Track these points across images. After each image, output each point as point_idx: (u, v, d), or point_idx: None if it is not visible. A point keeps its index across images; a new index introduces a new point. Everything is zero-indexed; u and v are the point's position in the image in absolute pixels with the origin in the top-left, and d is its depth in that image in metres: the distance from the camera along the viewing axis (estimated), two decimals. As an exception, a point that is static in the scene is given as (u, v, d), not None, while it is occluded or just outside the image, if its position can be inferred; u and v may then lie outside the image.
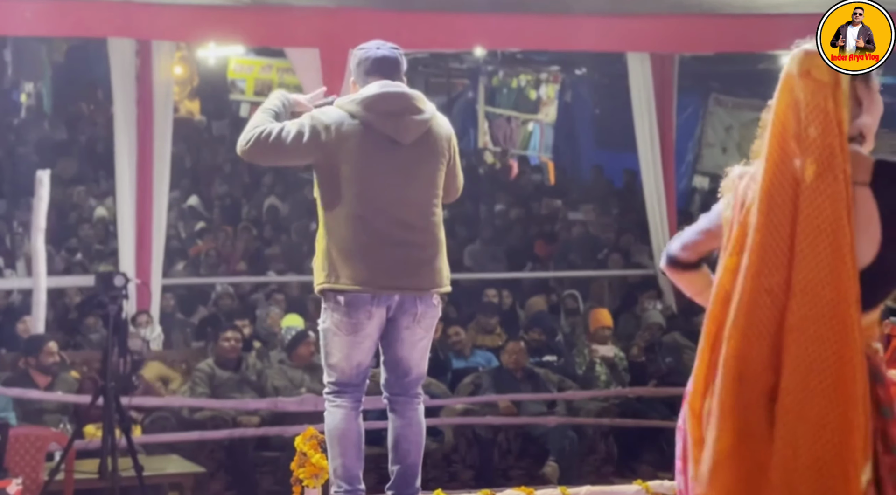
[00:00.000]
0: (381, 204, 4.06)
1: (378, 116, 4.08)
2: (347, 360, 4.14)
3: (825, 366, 2.57)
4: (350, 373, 4.16)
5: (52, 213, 8.62)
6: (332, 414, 4.20)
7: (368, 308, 4.06)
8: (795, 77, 2.66)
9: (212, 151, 15.42)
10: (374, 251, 4.05)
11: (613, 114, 13.06)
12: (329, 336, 4.14)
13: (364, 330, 4.09)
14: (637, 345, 9.11)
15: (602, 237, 12.26)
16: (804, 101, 2.64)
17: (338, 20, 7.86)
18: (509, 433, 8.21)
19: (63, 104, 16.96)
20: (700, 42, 9.43)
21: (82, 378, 7.78)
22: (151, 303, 8.84)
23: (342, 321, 4.08)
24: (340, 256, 4.05)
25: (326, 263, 4.08)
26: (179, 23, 8.23)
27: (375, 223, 4.05)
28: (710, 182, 14.36)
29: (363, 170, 4.05)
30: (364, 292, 4.03)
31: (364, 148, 4.06)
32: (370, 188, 4.05)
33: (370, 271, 4.04)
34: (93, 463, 6.41)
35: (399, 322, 4.13)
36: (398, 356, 4.19)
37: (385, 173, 4.07)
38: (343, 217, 4.06)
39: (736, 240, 2.71)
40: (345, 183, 4.05)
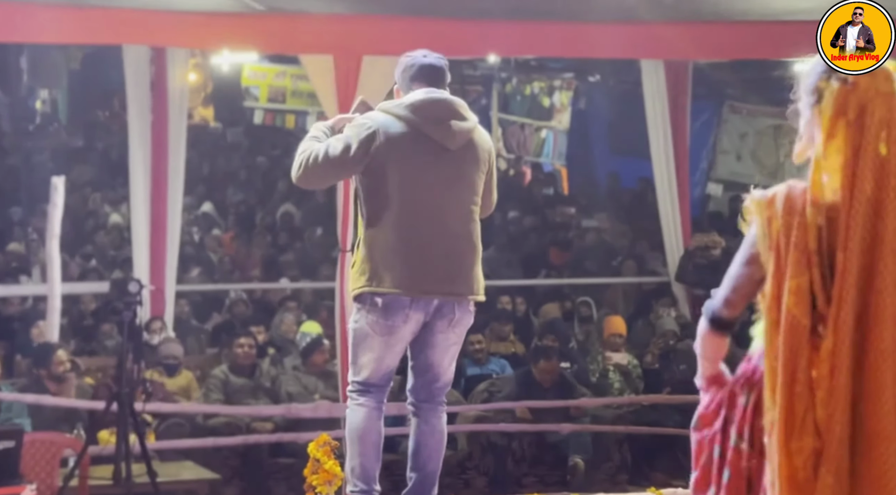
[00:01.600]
0: (426, 209, 4.07)
1: (426, 121, 4.09)
2: (378, 361, 4.13)
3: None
4: (378, 374, 4.16)
5: (66, 220, 8.64)
6: (354, 412, 4.19)
7: (406, 311, 4.06)
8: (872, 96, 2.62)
9: (226, 158, 15.47)
10: (418, 255, 4.05)
11: (627, 121, 13.03)
12: (361, 336, 4.13)
13: (399, 333, 4.10)
14: (651, 353, 9.09)
15: (616, 244, 12.24)
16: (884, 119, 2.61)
17: (352, 27, 7.87)
18: (523, 440, 8.20)
19: (78, 111, 17.06)
20: (715, 49, 9.40)
21: (96, 384, 7.80)
22: (166, 309, 8.85)
23: (378, 322, 4.07)
24: (384, 260, 4.05)
25: (368, 267, 4.07)
26: (194, 30, 8.25)
27: (420, 228, 4.07)
28: (725, 189, 14.33)
29: (410, 175, 4.06)
30: (404, 295, 4.04)
31: (412, 152, 4.07)
32: (417, 192, 4.07)
33: (412, 275, 4.04)
34: (107, 469, 6.42)
35: (435, 326, 4.14)
36: (429, 361, 4.19)
37: (431, 178, 4.09)
38: (389, 220, 4.06)
39: (795, 261, 2.62)
40: (392, 187, 4.05)
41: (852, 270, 2.58)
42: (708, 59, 10.72)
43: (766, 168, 13.99)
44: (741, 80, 13.58)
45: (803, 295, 2.61)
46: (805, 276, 2.61)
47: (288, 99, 17.78)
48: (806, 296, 2.61)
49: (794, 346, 2.61)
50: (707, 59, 10.70)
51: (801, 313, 2.60)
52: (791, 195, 2.67)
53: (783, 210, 2.65)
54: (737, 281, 2.75)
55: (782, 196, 2.68)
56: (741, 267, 2.75)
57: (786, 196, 2.67)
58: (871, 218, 2.60)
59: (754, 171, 14.17)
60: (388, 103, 4.18)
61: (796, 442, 2.59)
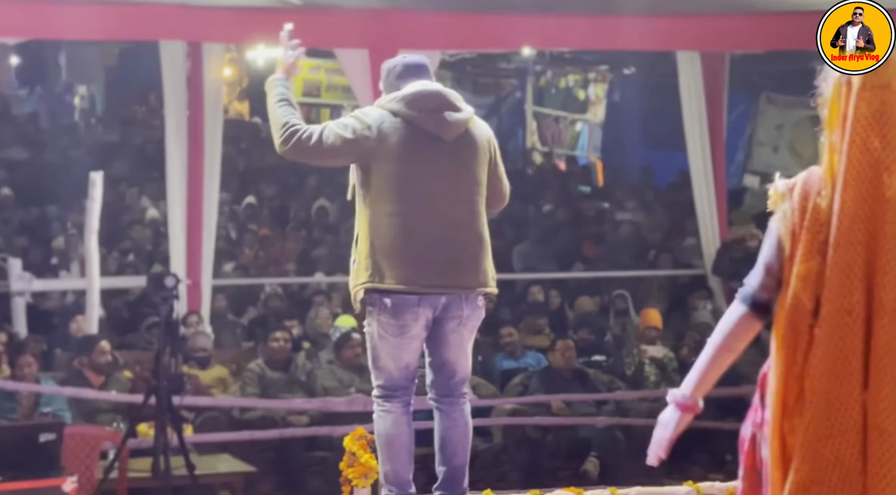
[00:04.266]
0: (424, 201, 4.04)
1: (420, 113, 4.07)
2: (395, 362, 4.12)
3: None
4: (398, 376, 4.14)
5: (104, 215, 8.72)
6: (381, 419, 4.18)
7: (415, 309, 4.03)
8: (857, 89, 2.61)
9: (261, 153, 15.53)
10: (419, 250, 4.02)
11: (662, 113, 12.97)
12: (375, 339, 4.11)
13: (411, 331, 4.07)
14: (687, 346, 9.05)
15: (651, 237, 12.19)
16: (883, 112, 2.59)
17: (387, 21, 7.88)
18: (558, 433, 8.19)
19: (115, 106, 17.17)
20: (751, 40, 9.34)
21: (135, 377, 7.87)
22: (202, 303, 8.91)
23: (388, 323, 4.05)
24: (385, 256, 4.02)
25: (370, 263, 4.04)
26: (230, 25, 8.30)
27: (419, 221, 4.03)
28: (761, 181, 14.22)
29: (406, 168, 4.03)
30: (410, 292, 4.01)
31: (407, 145, 4.04)
32: (413, 186, 4.04)
33: (415, 271, 4.01)
34: (146, 462, 6.48)
35: (445, 324, 4.11)
36: (444, 358, 4.17)
37: (428, 170, 4.06)
38: (386, 216, 4.03)
39: (807, 245, 2.63)
40: (388, 181, 4.03)
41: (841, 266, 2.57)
42: (744, 51, 10.65)
43: (803, 159, 13.85)
44: (778, 72, 13.47)
45: (811, 279, 2.62)
46: (814, 261, 2.62)
47: (323, 93, 17.81)
48: (813, 281, 2.62)
49: (795, 329, 2.63)
50: (743, 51, 10.62)
51: (806, 297, 2.62)
52: (808, 180, 2.69)
53: (799, 195, 2.68)
54: (766, 274, 2.76)
55: (800, 183, 2.70)
56: (769, 252, 2.77)
57: (803, 181, 2.70)
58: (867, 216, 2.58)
59: (791, 163, 14.04)
60: (383, 98, 4.16)
61: (789, 422, 2.61)
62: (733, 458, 8.14)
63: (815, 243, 2.63)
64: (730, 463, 8.13)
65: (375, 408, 4.22)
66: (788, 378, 2.63)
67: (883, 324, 2.55)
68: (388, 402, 4.17)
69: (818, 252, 2.62)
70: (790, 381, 2.63)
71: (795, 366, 2.62)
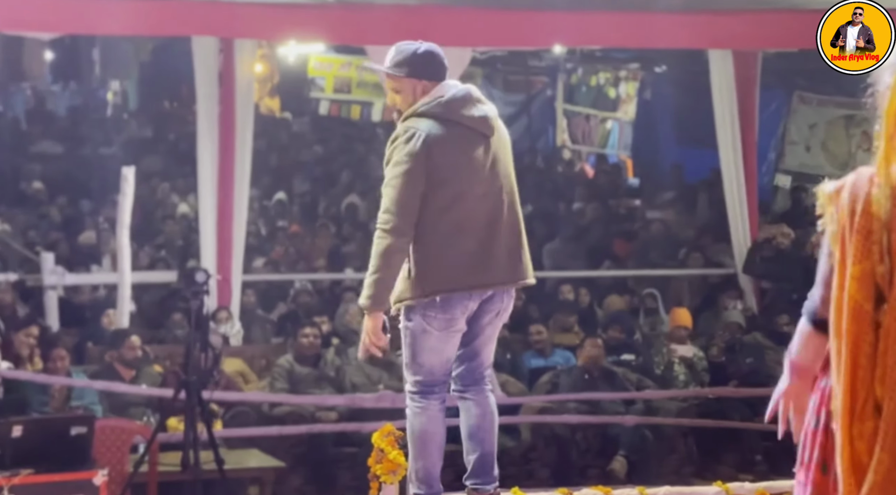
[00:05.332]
0: (475, 200, 4.09)
1: (464, 114, 4.12)
2: (438, 357, 4.13)
3: None
4: (440, 371, 4.15)
5: (136, 210, 8.77)
6: (418, 415, 4.17)
7: (465, 303, 4.08)
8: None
9: (292, 149, 15.58)
10: (473, 248, 4.07)
11: (693, 111, 12.90)
12: (418, 334, 4.11)
13: (457, 324, 4.11)
14: (717, 346, 9.00)
15: (681, 236, 12.14)
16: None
17: (418, 17, 7.88)
18: (587, 432, 8.17)
19: (148, 102, 17.29)
20: (784, 38, 9.26)
21: (165, 372, 7.92)
22: (232, 299, 8.94)
23: (437, 318, 4.07)
24: (439, 258, 4.05)
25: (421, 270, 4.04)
26: (262, 21, 8.32)
27: (472, 220, 4.08)
28: (793, 180, 14.12)
29: (456, 169, 4.08)
30: (464, 291, 4.06)
31: (457, 148, 4.09)
32: (462, 186, 4.08)
33: (470, 269, 4.06)
34: (175, 456, 6.51)
35: (483, 317, 4.15)
36: (478, 349, 4.20)
37: (473, 168, 4.10)
38: (440, 219, 4.06)
39: (858, 246, 2.59)
40: (440, 183, 4.06)
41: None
42: (777, 49, 10.57)
43: (837, 159, 13.75)
44: (811, 70, 13.35)
45: (866, 280, 2.58)
46: (868, 261, 2.58)
47: (353, 89, 17.85)
48: (869, 281, 2.58)
49: (856, 332, 2.58)
50: (776, 49, 10.55)
51: (863, 298, 2.58)
52: (857, 182, 2.65)
53: (848, 197, 2.63)
54: (825, 277, 2.72)
55: (849, 184, 2.66)
56: (825, 263, 2.72)
57: (852, 183, 2.65)
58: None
59: (824, 162, 13.94)
60: (421, 106, 4.14)
61: (857, 427, 2.58)
62: (763, 458, 8.11)
63: (867, 243, 2.59)
64: (759, 463, 8.09)
65: (411, 405, 4.20)
66: (855, 383, 2.58)
67: None
68: (425, 399, 4.16)
69: (872, 252, 2.58)
70: (857, 386, 2.58)
71: (860, 370, 2.58)
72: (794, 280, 9.50)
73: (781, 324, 8.99)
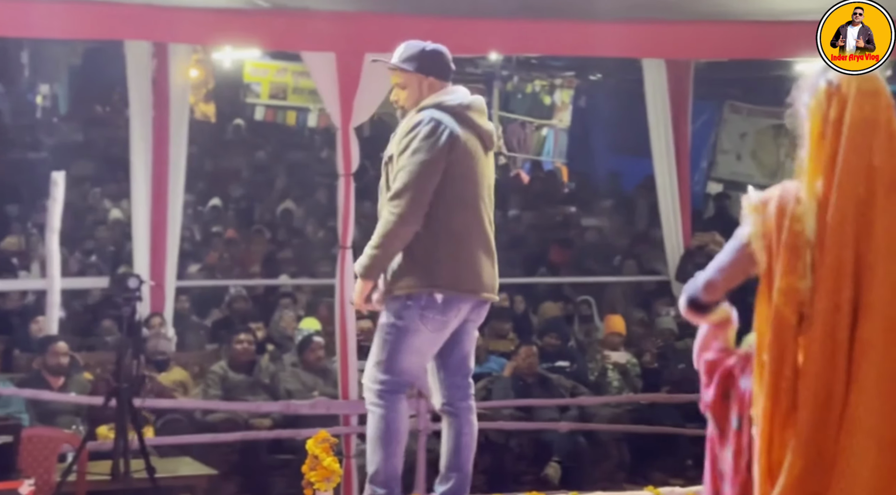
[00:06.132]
0: (474, 210, 4.16)
1: (476, 122, 4.19)
2: (420, 357, 4.15)
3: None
4: (415, 373, 4.18)
5: (66, 215, 8.63)
6: (386, 414, 4.14)
7: (461, 306, 4.13)
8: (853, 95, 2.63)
9: (227, 154, 15.46)
10: (473, 254, 4.13)
11: (628, 120, 13.03)
12: (408, 333, 4.10)
13: (448, 327, 4.14)
14: (650, 352, 9.09)
15: (616, 243, 12.24)
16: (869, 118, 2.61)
17: (355, 24, 7.86)
18: (522, 438, 8.20)
19: (79, 106, 17.03)
20: (716, 48, 9.38)
21: (95, 379, 7.80)
22: (165, 305, 8.85)
23: (433, 318, 4.09)
24: (446, 258, 4.10)
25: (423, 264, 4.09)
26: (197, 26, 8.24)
27: (471, 228, 4.15)
28: (724, 188, 14.32)
29: (465, 175, 4.14)
30: (460, 294, 4.09)
31: (467, 153, 4.14)
32: (468, 193, 4.15)
33: (469, 274, 4.13)
34: (105, 465, 6.41)
35: (466, 325, 4.21)
36: (464, 352, 4.24)
37: (477, 176, 4.18)
38: (447, 220, 4.10)
39: (785, 261, 2.66)
40: (449, 187, 4.10)
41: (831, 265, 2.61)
42: (709, 59, 10.72)
43: (766, 168, 13.98)
44: (742, 80, 13.57)
45: (792, 294, 2.64)
46: (794, 276, 2.64)
47: (289, 96, 17.77)
48: (794, 296, 2.64)
49: (781, 344, 2.65)
50: (708, 59, 10.69)
51: (789, 312, 2.65)
52: (784, 196, 2.72)
53: (776, 211, 2.70)
54: (723, 269, 2.81)
55: (776, 198, 2.73)
56: (729, 256, 2.80)
57: (779, 197, 2.72)
58: (855, 217, 2.61)
59: (754, 171, 14.17)
60: (444, 102, 4.15)
61: (779, 435, 2.64)
62: (694, 463, 8.20)
63: (793, 259, 2.65)
64: (690, 468, 8.18)
65: (377, 404, 4.16)
66: (779, 393, 2.64)
67: (866, 320, 2.59)
68: (393, 397, 4.14)
69: (797, 268, 2.64)
70: (781, 396, 2.64)
71: (784, 381, 2.64)
72: (725, 287, 9.62)
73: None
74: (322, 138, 16.64)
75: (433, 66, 4.21)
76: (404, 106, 4.21)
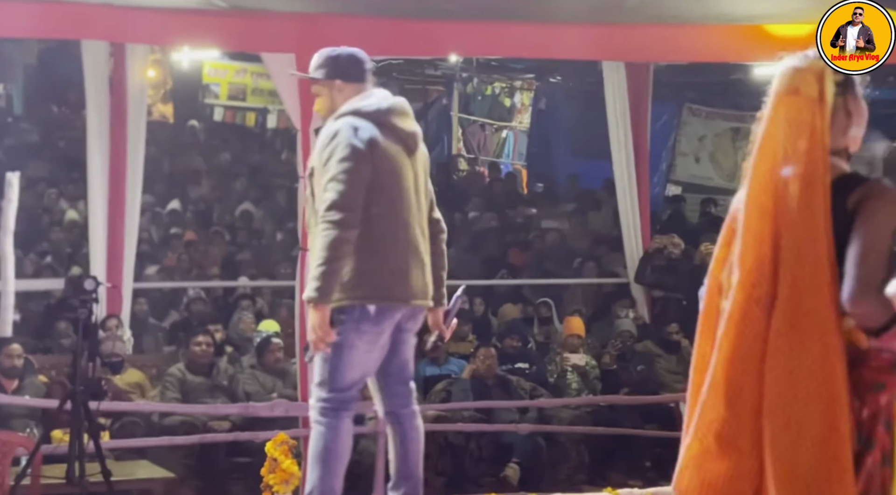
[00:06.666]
0: (402, 216, 4.09)
1: (396, 125, 4.11)
2: (360, 372, 4.08)
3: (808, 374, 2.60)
4: (357, 387, 4.11)
5: (21, 216, 8.53)
6: (326, 433, 4.06)
7: (394, 315, 4.08)
8: (783, 95, 2.66)
9: (185, 155, 15.36)
10: (400, 261, 4.06)
11: (587, 122, 13.09)
12: (345, 350, 4.03)
13: (383, 339, 4.10)
14: (609, 354, 9.13)
15: (576, 245, 12.28)
16: (792, 117, 2.65)
17: (314, 26, 7.83)
18: (481, 440, 8.20)
19: (34, 106, 16.85)
20: (675, 51, 9.44)
21: (50, 382, 7.71)
22: (122, 307, 8.77)
23: (369, 332, 4.03)
24: (374, 268, 4.03)
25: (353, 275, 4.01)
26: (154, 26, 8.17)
27: (399, 236, 4.08)
28: (683, 191, 14.42)
29: (391, 176, 4.07)
30: (392, 304, 4.05)
31: (389, 159, 4.07)
32: (395, 200, 4.08)
33: (399, 282, 4.06)
34: (60, 469, 6.34)
35: (402, 333, 4.17)
36: (403, 359, 4.20)
37: (401, 181, 4.10)
38: (373, 229, 4.03)
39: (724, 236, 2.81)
40: (373, 195, 4.03)
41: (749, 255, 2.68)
42: (668, 62, 10.78)
43: (724, 170, 14.09)
44: (700, 83, 13.67)
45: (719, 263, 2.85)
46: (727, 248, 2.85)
47: (248, 97, 17.69)
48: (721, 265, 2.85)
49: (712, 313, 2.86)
50: (667, 62, 10.76)
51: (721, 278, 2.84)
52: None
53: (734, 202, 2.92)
54: None
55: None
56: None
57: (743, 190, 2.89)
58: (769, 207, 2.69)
59: (713, 174, 14.28)
60: (361, 108, 4.09)
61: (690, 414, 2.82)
62: (652, 465, 8.24)
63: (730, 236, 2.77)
64: (649, 469, 8.22)
65: (320, 422, 4.08)
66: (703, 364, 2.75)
67: (777, 314, 2.64)
68: (336, 417, 4.07)
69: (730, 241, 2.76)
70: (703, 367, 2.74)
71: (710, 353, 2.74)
72: (684, 289, 9.68)
73: (671, 332, 9.15)
74: (282, 140, 16.58)
75: (340, 69, 4.17)
76: (324, 115, 4.19)
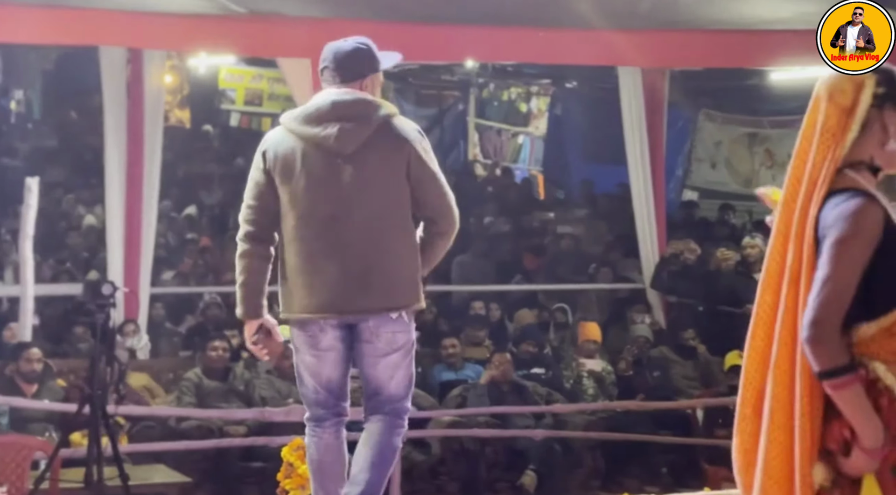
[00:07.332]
0: (322, 224, 3.83)
1: (314, 130, 3.85)
2: (317, 377, 3.94)
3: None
4: (322, 393, 3.96)
5: (40, 221, 8.58)
6: (312, 444, 4.01)
7: (322, 326, 3.89)
8: (823, 100, 2.65)
9: (201, 161, 15.41)
10: (327, 273, 3.83)
11: (603, 127, 13.08)
12: (295, 355, 3.98)
13: (322, 342, 3.90)
14: (624, 359, 9.11)
15: (591, 251, 12.27)
16: (822, 124, 2.63)
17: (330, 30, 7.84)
18: (497, 445, 8.20)
19: (53, 111, 16.94)
20: (691, 57, 9.46)
21: (69, 386, 7.75)
22: (139, 311, 8.81)
23: (300, 336, 3.93)
24: (290, 283, 3.90)
25: (281, 291, 3.94)
26: (171, 32, 8.23)
27: (317, 245, 3.84)
28: (700, 197, 14.38)
29: (303, 191, 3.84)
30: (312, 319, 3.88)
31: (302, 166, 3.84)
32: (311, 208, 3.84)
33: (324, 294, 3.84)
34: (78, 472, 6.37)
35: (359, 344, 3.93)
36: (364, 374, 3.98)
37: (327, 190, 3.83)
38: (289, 241, 3.89)
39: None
40: (289, 204, 3.86)
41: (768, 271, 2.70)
42: (684, 67, 10.78)
43: (740, 176, 14.06)
44: (716, 89, 13.64)
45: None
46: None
47: (264, 102, 17.73)
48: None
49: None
50: (683, 67, 10.75)
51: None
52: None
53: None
54: None
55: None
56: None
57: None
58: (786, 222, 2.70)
59: (729, 179, 14.24)
60: (286, 115, 4.00)
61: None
62: (668, 471, 8.23)
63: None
64: (664, 475, 8.20)
65: (307, 433, 4.04)
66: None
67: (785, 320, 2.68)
68: (318, 428, 4.00)
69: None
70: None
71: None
72: (699, 295, 9.68)
73: (687, 338, 9.14)
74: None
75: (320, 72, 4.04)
76: None
